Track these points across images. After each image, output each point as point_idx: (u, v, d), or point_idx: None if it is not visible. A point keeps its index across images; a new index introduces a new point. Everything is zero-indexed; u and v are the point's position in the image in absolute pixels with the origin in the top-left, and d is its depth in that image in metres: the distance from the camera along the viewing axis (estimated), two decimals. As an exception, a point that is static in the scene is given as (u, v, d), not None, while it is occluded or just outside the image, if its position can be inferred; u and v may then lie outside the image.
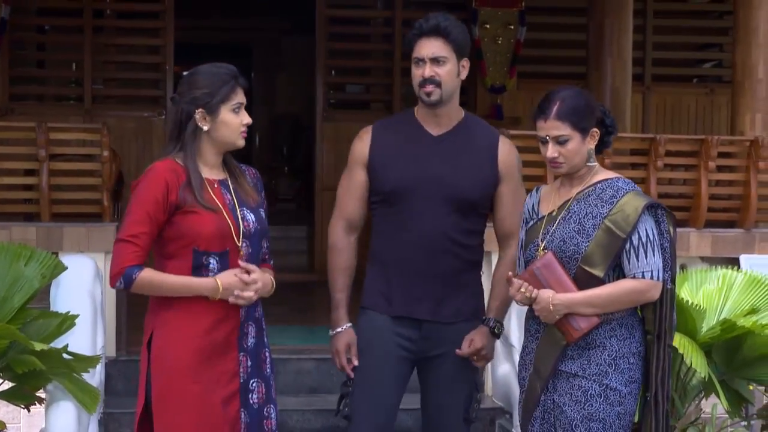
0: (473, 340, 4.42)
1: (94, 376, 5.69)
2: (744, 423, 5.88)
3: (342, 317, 4.46)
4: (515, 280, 4.02)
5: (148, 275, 3.92)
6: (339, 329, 4.45)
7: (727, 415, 5.71)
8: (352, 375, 4.41)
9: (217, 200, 4.00)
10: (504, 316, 4.53)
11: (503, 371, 6.58)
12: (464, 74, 4.37)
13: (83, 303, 5.91)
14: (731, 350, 5.25)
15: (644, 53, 11.37)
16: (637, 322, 4.04)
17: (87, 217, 7.01)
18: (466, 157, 4.35)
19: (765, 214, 7.51)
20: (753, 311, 5.48)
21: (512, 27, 11.13)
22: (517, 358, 6.44)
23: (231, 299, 3.95)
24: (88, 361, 5.43)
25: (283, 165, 16.56)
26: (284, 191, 15.92)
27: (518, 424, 4.27)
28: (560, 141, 3.98)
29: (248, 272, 3.99)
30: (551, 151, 4.00)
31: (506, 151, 4.43)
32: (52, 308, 5.76)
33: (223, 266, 3.98)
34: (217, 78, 4.02)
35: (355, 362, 4.40)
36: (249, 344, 4.08)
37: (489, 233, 4.50)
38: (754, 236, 7.18)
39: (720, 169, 7.39)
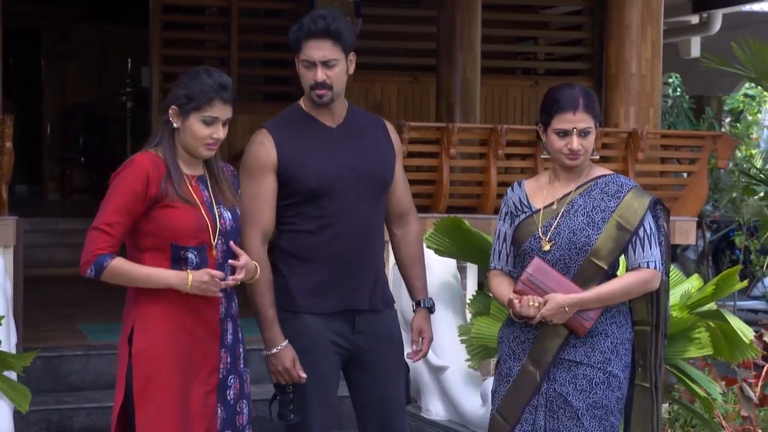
0: (422, 329, 4.45)
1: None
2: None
3: (279, 334, 4.24)
4: (522, 297, 4.01)
5: (119, 264, 3.91)
6: (279, 347, 4.24)
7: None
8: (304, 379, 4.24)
9: (195, 195, 4.01)
10: None
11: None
12: (352, 68, 4.35)
13: (-3, 299, 5.72)
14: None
15: (475, 46, 11.67)
16: (627, 309, 4.17)
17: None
18: (369, 143, 4.39)
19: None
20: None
21: (348, 18, 11.21)
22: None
23: (198, 292, 3.94)
24: (23, 359, 5.28)
25: (79, 156, 16.13)
26: (79, 182, 15.65)
27: (500, 416, 4.17)
28: (584, 133, 4.04)
29: (237, 257, 4.02)
30: (576, 143, 4.02)
31: (392, 130, 4.51)
32: (-37, 305, 5.55)
33: (202, 260, 3.98)
34: (198, 84, 3.99)
35: (303, 375, 4.23)
36: (228, 341, 4.11)
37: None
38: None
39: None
